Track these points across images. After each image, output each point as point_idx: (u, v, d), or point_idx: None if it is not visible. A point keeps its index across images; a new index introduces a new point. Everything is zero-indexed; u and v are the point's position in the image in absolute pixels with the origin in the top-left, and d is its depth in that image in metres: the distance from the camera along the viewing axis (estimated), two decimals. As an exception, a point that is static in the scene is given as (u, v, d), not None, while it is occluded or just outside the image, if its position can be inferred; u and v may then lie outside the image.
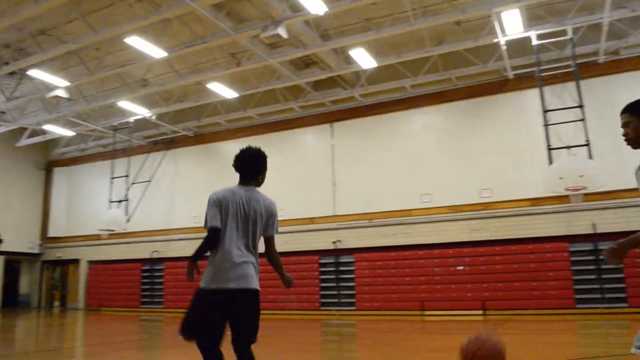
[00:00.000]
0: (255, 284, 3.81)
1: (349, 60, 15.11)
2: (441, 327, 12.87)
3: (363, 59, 14.28)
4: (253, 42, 13.97)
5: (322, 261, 17.24)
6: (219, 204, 3.90)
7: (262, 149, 4.14)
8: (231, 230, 3.86)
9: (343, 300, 16.64)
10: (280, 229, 15.76)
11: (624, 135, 2.83)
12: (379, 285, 16.13)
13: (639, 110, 2.78)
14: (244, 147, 4.15)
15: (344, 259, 16.94)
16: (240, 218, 3.90)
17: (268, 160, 4.23)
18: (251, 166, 4.12)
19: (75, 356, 8.68)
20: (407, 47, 14.56)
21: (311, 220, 17.73)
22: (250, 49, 14.36)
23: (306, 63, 16.65)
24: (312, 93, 17.53)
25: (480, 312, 14.63)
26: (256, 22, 13.01)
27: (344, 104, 17.91)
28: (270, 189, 17.35)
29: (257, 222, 3.96)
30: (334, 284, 16.86)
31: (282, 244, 17.53)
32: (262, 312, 3.82)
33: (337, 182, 17.53)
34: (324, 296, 16.98)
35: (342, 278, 16.84)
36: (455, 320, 13.94)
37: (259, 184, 4.17)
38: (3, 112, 21.01)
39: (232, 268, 3.74)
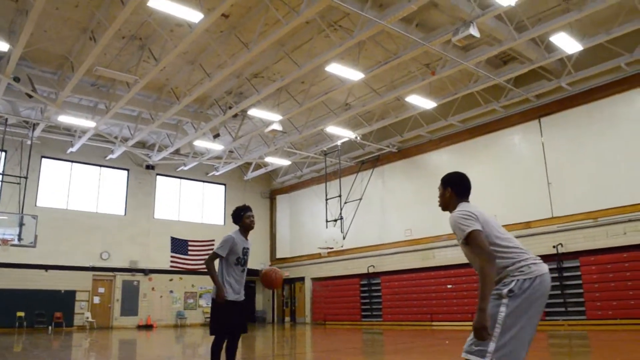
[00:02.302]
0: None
1: (550, 49, 14.07)
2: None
3: (566, 43, 13.15)
4: (445, 49, 13.90)
5: (544, 267, 16.03)
6: None
7: (467, 154, 4.77)
8: None
9: (570, 309, 15.23)
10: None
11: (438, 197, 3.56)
12: (611, 291, 14.40)
13: (444, 181, 3.53)
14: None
15: (567, 264, 15.54)
16: None
17: (475, 166, 4.79)
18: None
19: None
20: (617, 21, 13.00)
21: (527, 224, 16.69)
22: (443, 55, 14.30)
23: (504, 60, 16.00)
24: (514, 90, 16.70)
25: None
26: (446, 27, 12.94)
27: (551, 96, 16.63)
28: (480, 195, 16.88)
29: None
30: (558, 292, 15.50)
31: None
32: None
33: (552, 181, 16.28)
34: (548, 305, 15.63)
35: (568, 285, 15.44)
36: None
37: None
38: (232, 151, 24.08)
39: None
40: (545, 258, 15.66)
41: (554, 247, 15.77)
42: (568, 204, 15.80)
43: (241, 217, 5.56)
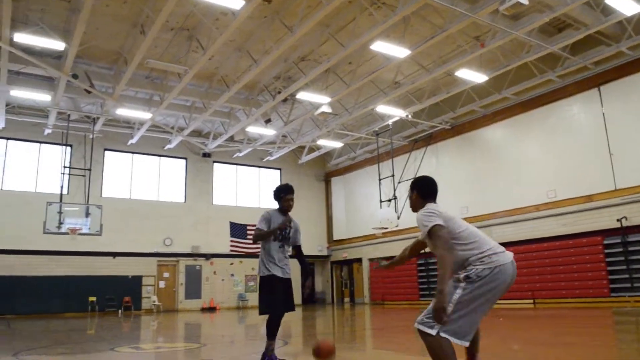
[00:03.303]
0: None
1: (607, 12, 13.27)
2: None
3: (624, 5, 12.30)
4: (494, 19, 13.42)
5: (606, 242, 15.37)
6: None
7: (524, 128, 4.86)
8: None
9: (636, 285, 14.50)
10: (556, 211, 14.99)
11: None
12: (681, 265, 13.64)
13: (411, 185, 3.85)
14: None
15: (632, 238, 14.79)
16: None
17: (532, 140, 4.99)
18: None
19: (363, 336, 9.54)
20: (681, -23, 12.12)
21: (589, 197, 16.00)
22: (492, 26, 13.81)
23: (558, 28, 15.26)
24: (570, 58, 15.91)
25: None
26: (493, -3, 12.46)
27: (611, 62, 15.72)
28: (537, 169, 16.56)
29: None
30: (623, 267, 14.83)
31: (559, 226, 16.46)
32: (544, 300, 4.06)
33: (614, 152, 15.48)
34: (612, 281, 15.08)
35: (634, 259, 14.71)
36: None
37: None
38: (285, 136, 24.33)
39: None
40: (609, 232, 15.23)
41: (617, 220, 15.07)
42: (632, 175, 14.99)
43: (280, 198, 5.51)
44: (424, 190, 3.79)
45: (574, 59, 15.83)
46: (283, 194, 5.49)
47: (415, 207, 3.79)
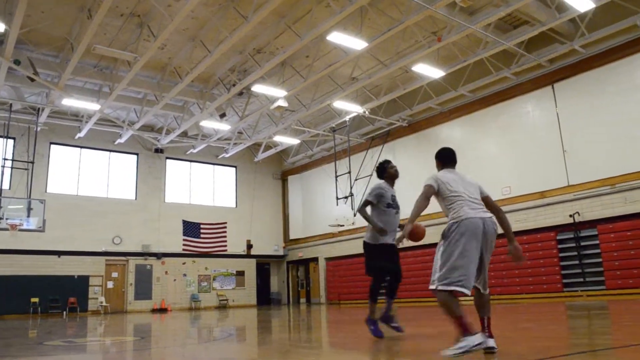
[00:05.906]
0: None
1: (561, 9, 13.43)
2: None
3: (578, 1, 12.50)
4: (451, 12, 13.37)
5: (559, 237, 15.54)
6: None
7: (479, 125, 7.09)
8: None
9: (589, 280, 14.70)
10: (511, 207, 14.90)
11: None
12: (631, 259, 13.75)
13: (435, 156, 4.83)
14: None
15: (585, 233, 14.98)
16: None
17: (487, 137, 5.84)
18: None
19: (320, 327, 9.23)
20: (632, -24, 12.37)
21: (542, 194, 16.17)
22: (449, 20, 13.77)
23: (513, 25, 15.38)
24: (525, 56, 16.05)
25: None
26: (450, -11, 12.39)
27: (564, 60, 15.90)
28: (492, 165, 16.51)
29: None
30: (576, 262, 15.01)
31: (514, 222, 16.40)
32: (499, 297, 4.73)
33: (567, 149, 15.68)
34: (565, 276, 15.23)
35: (586, 254, 14.90)
36: None
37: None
38: (241, 133, 23.87)
39: None
40: (562, 228, 15.32)
41: (570, 216, 15.24)
42: (584, 172, 15.20)
43: (385, 169, 6.19)
44: (440, 159, 4.70)
45: (529, 56, 15.98)
46: (387, 164, 6.23)
47: None
